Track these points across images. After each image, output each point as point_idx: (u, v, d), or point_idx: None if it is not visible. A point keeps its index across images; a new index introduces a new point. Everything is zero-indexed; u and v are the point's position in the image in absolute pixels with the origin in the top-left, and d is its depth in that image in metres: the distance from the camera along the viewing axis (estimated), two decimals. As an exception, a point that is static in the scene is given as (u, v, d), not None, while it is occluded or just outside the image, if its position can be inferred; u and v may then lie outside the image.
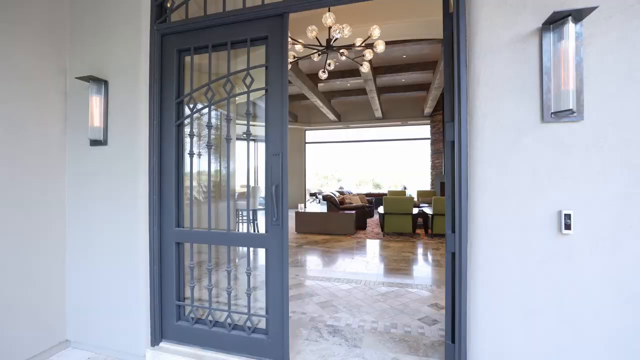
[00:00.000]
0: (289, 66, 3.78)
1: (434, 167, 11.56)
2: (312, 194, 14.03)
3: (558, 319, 1.47)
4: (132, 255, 2.10)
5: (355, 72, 8.35)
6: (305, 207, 9.96)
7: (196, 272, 2.20)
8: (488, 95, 1.57)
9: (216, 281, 2.30)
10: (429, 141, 11.78)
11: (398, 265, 4.44)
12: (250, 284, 2.00)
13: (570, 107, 1.40)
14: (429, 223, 6.83)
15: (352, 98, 11.07)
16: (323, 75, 3.89)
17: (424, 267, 4.39)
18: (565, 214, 1.45)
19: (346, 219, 7.03)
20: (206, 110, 2.11)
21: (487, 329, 1.57)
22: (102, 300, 2.18)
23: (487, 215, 1.58)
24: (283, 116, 1.94)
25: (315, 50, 3.53)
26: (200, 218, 2.31)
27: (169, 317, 2.15)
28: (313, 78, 8.65)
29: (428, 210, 7.22)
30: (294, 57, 3.61)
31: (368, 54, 3.58)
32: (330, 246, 5.78)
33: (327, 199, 7.82)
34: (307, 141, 13.21)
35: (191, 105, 2.14)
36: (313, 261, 4.79)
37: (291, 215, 9.84)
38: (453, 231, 1.73)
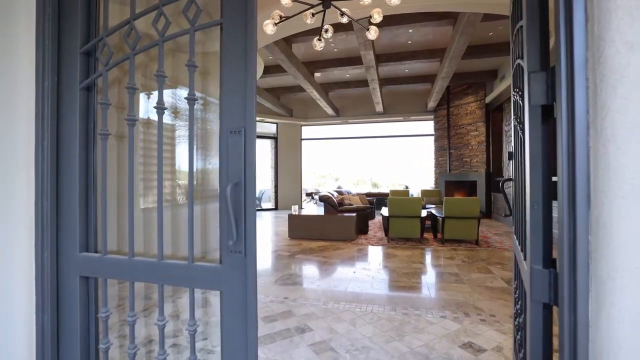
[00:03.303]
0: (274, 28, 2.99)
1: (437, 165, 10.86)
2: (308, 194, 13.25)
3: None
4: (5, 297, 1.31)
5: (354, 60, 7.57)
6: (300, 208, 9.15)
7: (117, 320, 1.41)
8: (636, 7, 0.80)
9: (148, 335, 1.51)
10: (432, 138, 11.07)
11: (410, 282, 3.66)
12: (194, 349, 1.21)
13: None
14: (439, 227, 6.07)
15: (351, 90, 10.30)
16: (319, 44, 3.10)
17: (441, 284, 3.62)
18: None
19: (346, 222, 6.25)
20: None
21: None
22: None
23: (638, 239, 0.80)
24: (247, 69, 1.15)
25: (308, 6, 2.74)
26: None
27: (70, 395, 1.35)
28: (309, 66, 7.86)
29: (435, 212, 6.47)
30: (280, 17, 2.82)
31: (376, 15, 2.80)
32: (327, 255, 4.99)
33: (324, 199, 7.02)
34: (303, 137, 12.43)
35: (104, 59, 1.35)
36: (307, 276, 4.00)
37: (284, 217, 9.03)
38: (550, 266, 0.96)
